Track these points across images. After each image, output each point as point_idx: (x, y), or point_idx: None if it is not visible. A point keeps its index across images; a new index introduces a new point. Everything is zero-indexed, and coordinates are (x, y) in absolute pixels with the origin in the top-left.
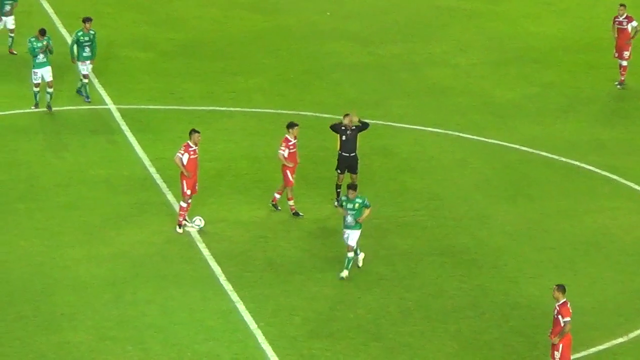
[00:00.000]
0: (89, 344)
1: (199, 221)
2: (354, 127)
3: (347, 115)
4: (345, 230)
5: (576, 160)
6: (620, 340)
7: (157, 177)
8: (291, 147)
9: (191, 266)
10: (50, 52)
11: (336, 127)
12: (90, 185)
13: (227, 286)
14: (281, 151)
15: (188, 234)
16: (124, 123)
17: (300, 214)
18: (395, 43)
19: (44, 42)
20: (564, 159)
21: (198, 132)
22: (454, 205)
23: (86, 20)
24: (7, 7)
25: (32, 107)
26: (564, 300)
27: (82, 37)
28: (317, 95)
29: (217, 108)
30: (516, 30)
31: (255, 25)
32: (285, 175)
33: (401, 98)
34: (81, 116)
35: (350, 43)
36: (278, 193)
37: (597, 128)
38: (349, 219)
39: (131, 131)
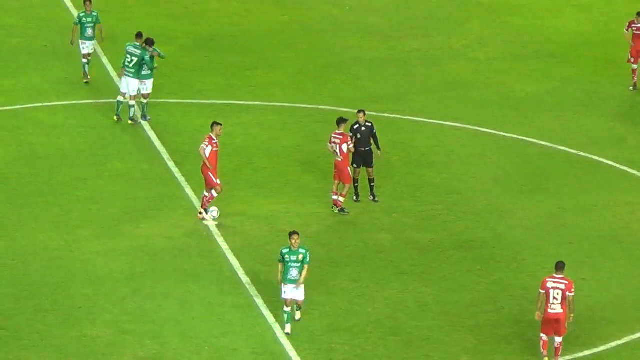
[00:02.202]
0: (107, 337)
1: (216, 212)
2: (368, 124)
3: (360, 111)
4: (288, 284)
5: (595, 155)
6: (639, 335)
7: (175, 170)
8: (349, 143)
9: (209, 260)
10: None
11: (351, 130)
12: (108, 179)
13: (245, 280)
14: (349, 145)
15: (206, 227)
16: None
17: (347, 210)
18: (415, 37)
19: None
20: (582, 154)
21: (220, 125)
22: (472, 199)
23: (142, 37)
24: (89, 31)
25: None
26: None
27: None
28: (336, 89)
29: (236, 102)
30: (535, 24)
31: (274, 19)
32: (346, 171)
33: (420, 92)
34: (100, 110)
35: (369, 37)
36: (334, 194)
37: (616, 123)
38: (294, 272)
39: (150, 125)
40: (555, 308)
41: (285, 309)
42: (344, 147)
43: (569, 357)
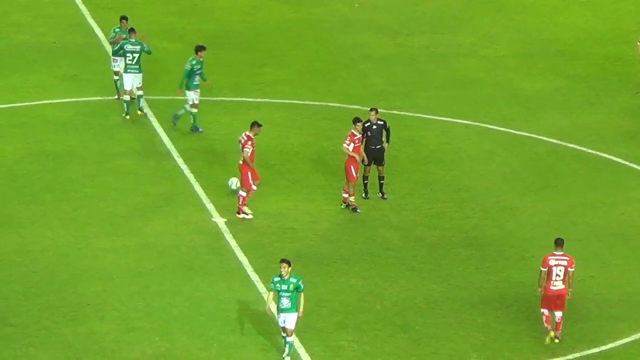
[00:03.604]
0: (116, 334)
1: (234, 184)
2: (380, 122)
3: (372, 109)
4: (280, 314)
5: (604, 152)
6: None
7: (184, 168)
8: (356, 141)
9: (218, 257)
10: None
11: (362, 128)
12: (117, 176)
13: (254, 277)
14: (345, 145)
15: (215, 225)
16: (152, 114)
17: (359, 210)
18: (423, 34)
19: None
20: (591, 151)
21: (260, 126)
22: (481, 197)
23: (200, 49)
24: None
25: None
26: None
27: (195, 66)
28: (344, 86)
29: (245, 99)
30: (544, 22)
31: (283, 16)
32: (349, 170)
33: (429, 89)
34: (108, 107)
35: (378, 34)
36: (346, 192)
37: (625, 120)
38: (285, 301)
39: (159, 122)
40: (557, 285)
41: (288, 339)
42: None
43: (578, 355)
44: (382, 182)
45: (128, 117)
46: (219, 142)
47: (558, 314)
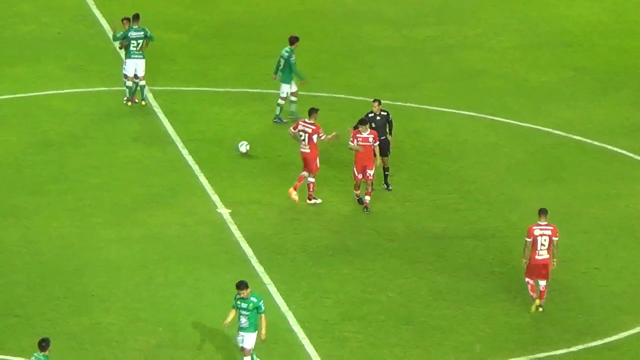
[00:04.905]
0: (120, 325)
1: (244, 147)
2: (383, 113)
3: (375, 100)
4: (239, 332)
5: (609, 144)
6: None
7: (189, 158)
8: (360, 140)
9: (223, 248)
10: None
11: (365, 120)
12: (122, 166)
13: (259, 268)
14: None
15: (220, 216)
16: (157, 104)
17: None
18: (429, 26)
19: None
20: (597, 143)
21: (317, 111)
22: (486, 188)
23: (294, 40)
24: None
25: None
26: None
27: (292, 56)
28: (350, 77)
29: (250, 90)
30: (550, 13)
31: (288, 7)
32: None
33: (434, 81)
34: (113, 97)
35: (383, 26)
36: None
37: (630, 112)
38: (243, 320)
39: (164, 112)
40: (543, 254)
41: (244, 359)
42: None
43: (582, 347)
44: (386, 173)
45: (130, 103)
46: (224, 133)
47: (542, 283)
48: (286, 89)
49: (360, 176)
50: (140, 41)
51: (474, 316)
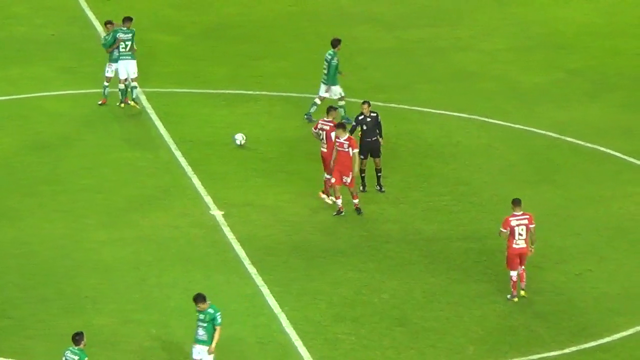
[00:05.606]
0: (113, 326)
1: (240, 139)
2: (373, 114)
3: (364, 102)
4: (195, 344)
5: (602, 146)
6: None
7: (182, 160)
8: (338, 146)
9: (216, 250)
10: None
11: (356, 121)
12: (114, 168)
13: (252, 270)
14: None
15: (213, 217)
16: (150, 106)
17: (343, 212)
18: (421, 28)
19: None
20: (589, 145)
21: (336, 109)
22: (479, 190)
23: (336, 42)
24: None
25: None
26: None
27: (334, 58)
28: (342, 79)
29: (243, 92)
30: (542, 15)
31: (281, 9)
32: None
33: (427, 83)
34: (106, 99)
35: (376, 27)
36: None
37: (623, 114)
38: (200, 331)
39: (156, 114)
40: (520, 243)
41: None
42: (332, 136)
43: (575, 348)
44: (379, 174)
45: (123, 105)
46: (217, 134)
47: (520, 268)
48: (337, 90)
49: (333, 180)
50: (129, 43)
51: (467, 318)
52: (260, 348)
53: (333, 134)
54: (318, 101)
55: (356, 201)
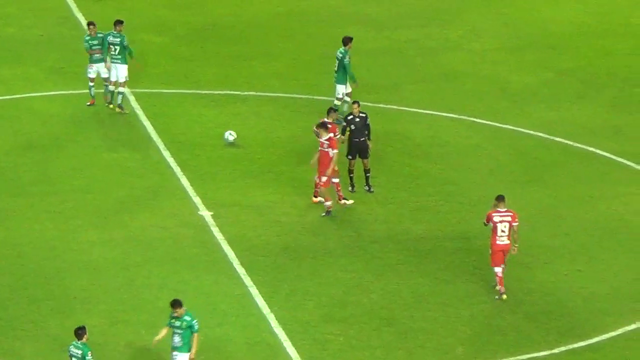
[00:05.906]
0: (102, 327)
1: (231, 136)
2: (362, 114)
3: (354, 102)
4: (172, 352)
5: (592, 146)
6: (634, 326)
7: (171, 160)
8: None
9: (204, 250)
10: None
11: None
12: (104, 168)
13: (241, 270)
14: (336, 136)
15: (202, 218)
16: (139, 106)
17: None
18: (411, 28)
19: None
20: (579, 145)
21: (336, 111)
22: (468, 190)
23: (347, 40)
24: (96, 55)
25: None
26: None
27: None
28: (332, 79)
29: (233, 92)
30: (532, 15)
31: (271, 9)
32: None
33: (416, 83)
34: (96, 99)
35: (366, 27)
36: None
37: (613, 114)
38: (177, 339)
39: (146, 115)
40: (503, 240)
41: None
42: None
43: (564, 348)
44: (367, 175)
45: (112, 106)
46: (206, 135)
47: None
48: (341, 89)
49: (322, 181)
50: (118, 47)
51: (456, 318)
52: (248, 348)
53: (332, 135)
54: (347, 98)
55: (329, 203)
